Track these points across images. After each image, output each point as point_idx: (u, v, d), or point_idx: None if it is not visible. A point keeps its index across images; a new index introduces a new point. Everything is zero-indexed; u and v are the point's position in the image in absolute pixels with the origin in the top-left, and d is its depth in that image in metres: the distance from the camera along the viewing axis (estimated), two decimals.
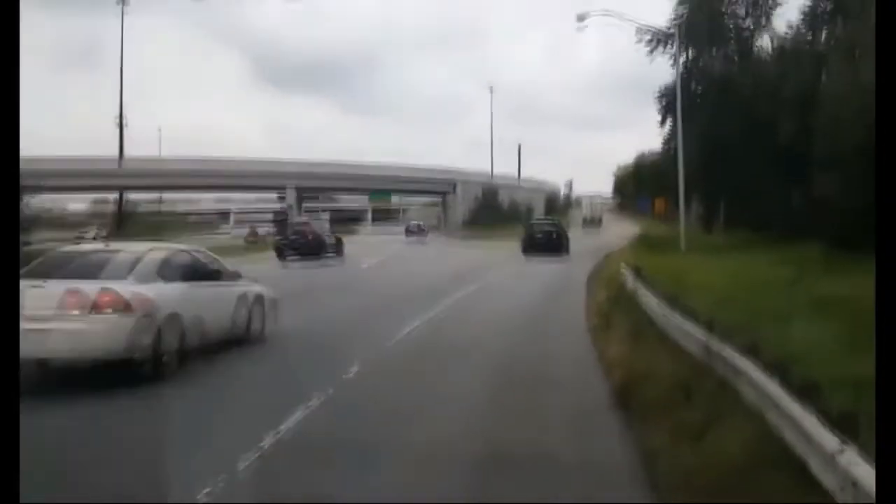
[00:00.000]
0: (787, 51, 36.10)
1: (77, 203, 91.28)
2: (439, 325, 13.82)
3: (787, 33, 38.21)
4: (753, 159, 33.97)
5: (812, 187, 25.92)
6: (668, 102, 38.92)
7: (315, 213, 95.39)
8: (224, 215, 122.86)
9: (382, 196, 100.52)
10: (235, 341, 10.77)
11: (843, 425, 4.50)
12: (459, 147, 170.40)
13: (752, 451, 5.35)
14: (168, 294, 9.34)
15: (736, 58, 39.34)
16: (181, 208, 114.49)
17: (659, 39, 37.77)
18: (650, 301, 11.85)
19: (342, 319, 14.30)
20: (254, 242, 54.67)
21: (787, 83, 33.07)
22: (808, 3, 37.71)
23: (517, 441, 6.66)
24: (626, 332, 11.14)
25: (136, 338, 8.55)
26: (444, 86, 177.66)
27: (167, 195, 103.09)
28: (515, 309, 16.35)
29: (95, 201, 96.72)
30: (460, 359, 10.56)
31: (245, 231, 69.96)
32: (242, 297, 11.25)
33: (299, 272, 28.85)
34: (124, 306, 8.57)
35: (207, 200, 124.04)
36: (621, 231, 57.39)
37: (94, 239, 28.57)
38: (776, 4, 38.79)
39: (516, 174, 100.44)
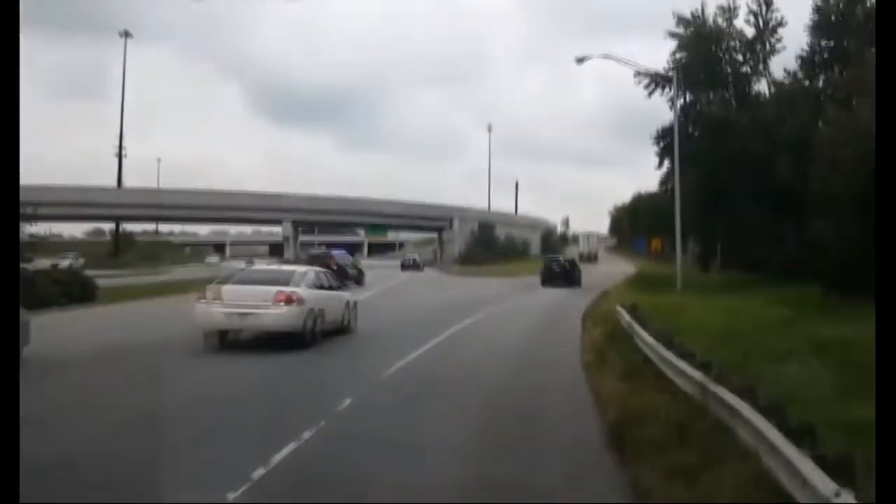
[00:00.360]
0: (785, 95, 36.45)
1: (74, 231, 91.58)
2: (439, 354, 13.94)
3: (784, 78, 38.70)
4: (750, 201, 34.17)
5: (808, 230, 26.02)
6: (665, 144, 39.16)
7: (309, 246, 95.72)
8: (220, 246, 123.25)
9: (379, 231, 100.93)
10: (339, 331, 16.54)
11: (839, 469, 4.47)
12: (457, 182, 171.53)
13: (747, 493, 5.31)
14: (314, 296, 15.21)
15: (733, 101, 39.69)
16: (177, 239, 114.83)
17: (657, 82, 38.14)
18: (646, 339, 11.82)
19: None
20: None
21: (783, 127, 33.37)
22: (806, 49, 38.28)
23: (510, 477, 6.66)
24: (620, 370, 11.10)
25: (299, 321, 14.40)
26: (442, 121, 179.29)
27: (163, 226, 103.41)
28: (509, 345, 16.29)
29: (92, 232, 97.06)
30: (455, 391, 10.61)
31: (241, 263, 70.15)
32: (346, 302, 17.56)
33: None
34: (298, 301, 14.45)
35: (203, 231, 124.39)
36: (618, 269, 57.46)
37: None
38: (773, 50, 39.30)
39: (513, 210, 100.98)
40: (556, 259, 47.97)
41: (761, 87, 40.32)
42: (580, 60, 33.40)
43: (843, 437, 6.13)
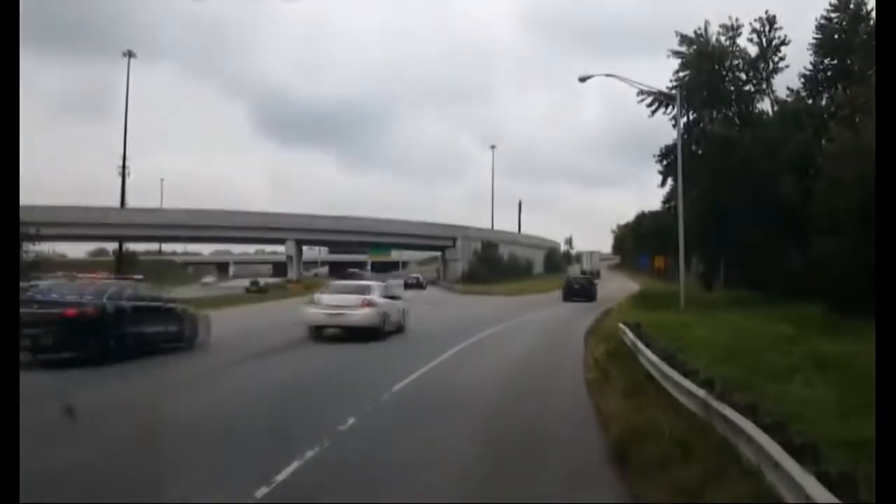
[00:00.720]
0: (788, 114, 36.54)
1: (77, 251, 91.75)
2: (446, 370, 13.84)
3: (787, 96, 38.81)
4: (753, 220, 34.14)
5: (811, 248, 26.02)
6: (668, 162, 39.21)
7: (313, 265, 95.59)
8: (223, 265, 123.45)
9: (382, 250, 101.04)
10: (397, 329, 21.75)
11: (841, 486, 4.46)
12: (460, 201, 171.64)
13: None
14: (383, 303, 21.07)
15: (736, 120, 39.77)
16: (180, 258, 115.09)
17: (660, 101, 38.17)
18: (649, 356, 11.79)
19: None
20: (255, 291, 54.77)
21: (787, 146, 33.45)
22: (809, 67, 38.43)
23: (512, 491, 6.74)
24: (623, 388, 11.07)
25: (378, 320, 20.06)
26: (445, 141, 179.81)
27: (167, 245, 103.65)
28: (512, 363, 16.27)
29: (95, 252, 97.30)
30: (460, 406, 10.67)
31: (241, 281, 70.16)
32: (402, 309, 22.96)
33: None
34: (375, 305, 20.31)
35: (206, 251, 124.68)
36: (621, 287, 57.50)
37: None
38: (777, 69, 39.41)
39: (516, 229, 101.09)
40: (576, 278, 56.95)
41: (765, 105, 40.46)
42: (583, 79, 33.50)
43: (846, 454, 6.12)
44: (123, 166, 73.93)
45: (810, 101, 37.84)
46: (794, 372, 11.90)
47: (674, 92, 36.82)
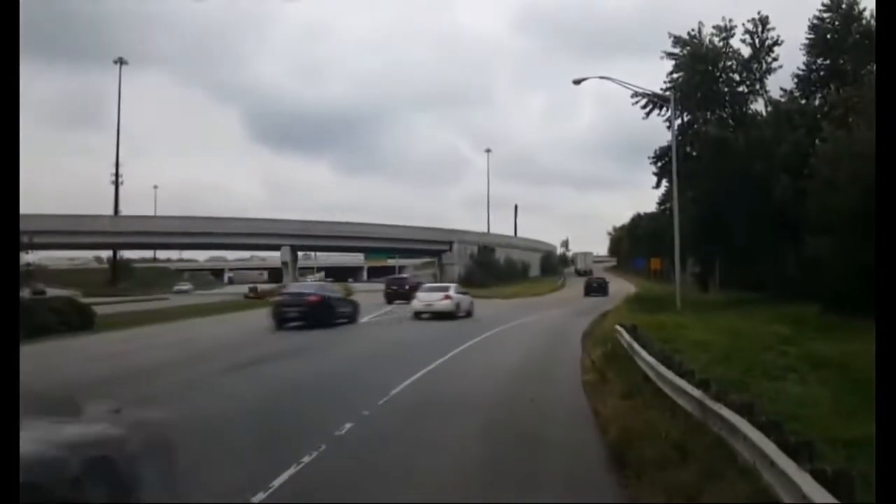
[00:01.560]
0: (782, 114, 36.65)
1: (71, 259, 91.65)
2: (441, 378, 13.85)
3: (781, 97, 38.94)
4: (748, 220, 34.26)
5: (806, 248, 26.10)
6: (663, 164, 39.29)
7: (308, 271, 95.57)
8: (217, 272, 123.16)
9: (378, 255, 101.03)
10: (467, 314, 31.66)
11: (838, 485, 4.47)
12: (456, 206, 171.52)
13: None
14: (457, 297, 32.58)
15: (730, 121, 39.88)
16: (175, 265, 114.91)
17: (655, 103, 38.27)
18: (646, 358, 11.80)
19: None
20: (254, 298, 54.69)
21: (781, 146, 33.56)
22: (802, 68, 38.57)
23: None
24: (621, 389, 11.08)
25: (452, 307, 31.08)
26: (441, 145, 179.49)
27: (162, 252, 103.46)
28: (510, 365, 16.26)
29: (89, 260, 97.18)
30: (458, 406, 10.81)
31: (235, 287, 69.85)
32: (470, 300, 34.15)
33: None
34: (451, 298, 31.78)
35: (202, 257, 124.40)
36: (617, 289, 57.57)
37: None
38: (770, 70, 39.55)
39: (513, 233, 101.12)
40: (593, 278, 68.50)
41: (758, 106, 40.59)
42: (577, 82, 33.58)
43: (842, 452, 6.14)
44: (116, 174, 74.11)
45: (803, 102, 37.99)
46: (789, 371, 11.95)
47: (668, 94, 36.92)
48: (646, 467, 6.91)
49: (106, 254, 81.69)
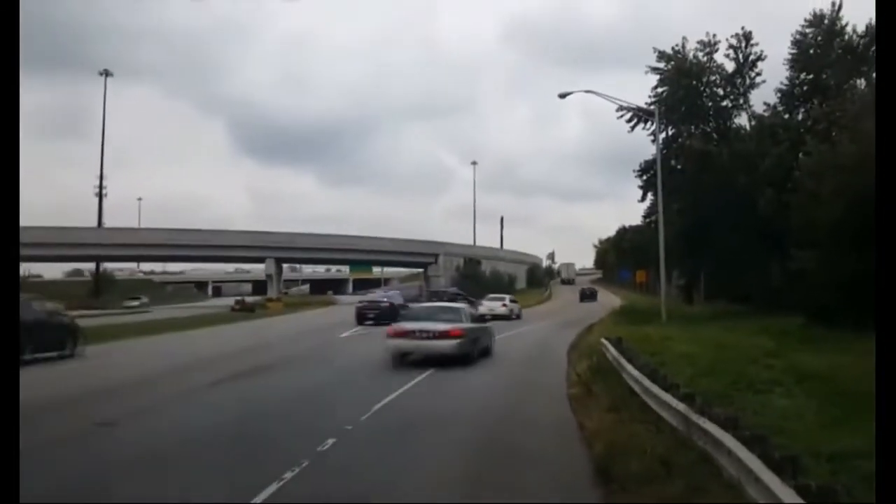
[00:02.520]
0: (765, 129, 36.89)
1: (54, 271, 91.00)
2: (428, 391, 13.76)
3: (764, 111, 39.22)
4: (733, 233, 34.44)
5: (790, 261, 26.23)
6: (648, 177, 39.46)
7: (293, 283, 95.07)
8: (201, 284, 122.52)
9: (363, 268, 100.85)
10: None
11: (821, 499, 4.46)
12: (442, 218, 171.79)
13: None
14: (510, 304, 44.06)
15: (714, 135, 40.12)
16: (159, 277, 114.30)
17: (639, 116, 38.46)
18: (631, 371, 11.80)
19: None
20: (240, 310, 54.46)
21: (765, 160, 33.78)
22: (785, 82, 38.88)
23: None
24: (606, 403, 11.06)
25: (510, 312, 41.84)
26: (427, 157, 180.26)
27: (145, 265, 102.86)
28: (495, 380, 16.22)
29: (71, 272, 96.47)
30: (445, 420, 10.70)
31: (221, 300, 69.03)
32: (519, 306, 44.69)
33: None
34: (508, 307, 43.15)
35: (186, 270, 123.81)
36: (603, 301, 57.75)
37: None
38: (753, 84, 39.84)
39: (499, 245, 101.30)
40: (586, 288, 75.91)
41: (742, 120, 40.83)
42: (563, 96, 33.73)
43: (827, 467, 6.13)
44: (101, 186, 73.74)
45: (787, 116, 38.27)
46: (774, 384, 11.96)
47: (652, 108, 37.11)
48: (631, 481, 6.89)
49: (89, 266, 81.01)
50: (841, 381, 11.48)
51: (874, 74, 33.80)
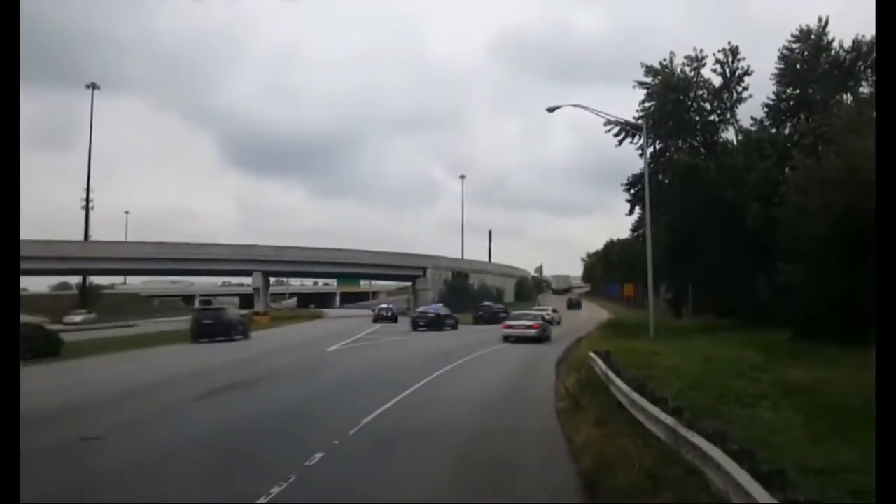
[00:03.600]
0: (752, 143, 37.12)
1: (39, 285, 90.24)
2: (415, 404, 13.68)
3: (751, 126, 39.48)
4: (720, 247, 34.56)
5: (777, 275, 26.34)
6: (636, 191, 39.62)
7: (280, 297, 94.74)
8: (188, 298, 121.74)
9: (351, 281, 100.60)
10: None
11: None
12: (430, 231, 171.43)
13: None
14: (552, 314, 50.72)
15: (702, 149, 40.33)
16: (145, 291, 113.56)
17: (627, 130, 38.65)
18: (619, 385, 11.79)
19: None
20: None
21: (751, 174, 33.96)
22: (772, 97, 39.17)
23: None
24: (594, 417, 11.04)
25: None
26: (416, 171, 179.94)
27: (132, 278, 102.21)
28: (485, 394, 16.15)
29: (57, 286, 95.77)
30: (432, 434, 10.72)
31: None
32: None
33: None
34: (558, 312, 55.58)
35: (173, 284, 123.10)
36: (591, 315, 57.84)
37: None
38: (740, 99, 40.13)
39: (487, 258, 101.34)
40: (573, 298, 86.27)
41: (729, 134, 41.10)
42: (551, 110, 33.83)
43: (815, 480, 6.13)
44: (87, 199, 73.32)
45: (774, 130, 38.54)
46: (761, 398, 11.98)
47: (640, 122, 37.29)
48: (619, 495, 6.87)
49: (75, 280, 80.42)
50: (828, 395, 11.51)
51: (874, 79, 34.20)
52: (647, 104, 39.71)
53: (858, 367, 13.50)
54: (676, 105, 39.21)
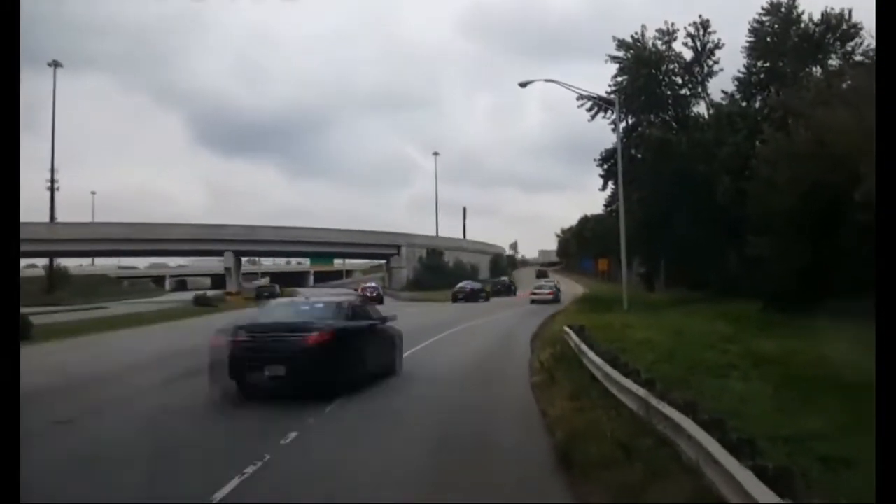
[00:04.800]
0: (723, 117, 37.37)
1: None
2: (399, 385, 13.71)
3: (722, 100, 39.71)
4: (692, 221, 34.88)
5: (747, 248, 26.62)
6: (609, 166, 39.79)
7: (252, 277, 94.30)
8: (159, 279, 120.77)
9: (324, 260, 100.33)
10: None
11: (778, 481, 4.52)
12: (404, 209, 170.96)
13: None
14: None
15: (674, 123, 40.57)
16: (114, 272, 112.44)
17: (600, 106, 38.73)
18: (593, 358, 11.88)
19: None
20: (203, 304, 53.55)
21: (722, 148, 34.21)
22: (742, 71, 39.39)
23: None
24: (569, 390, 11.12)
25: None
26: (388, 149, 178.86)
27: (101, 260, 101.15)
28: (459, 369, 16.17)
29: (23, 268, 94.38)
30: (408, 412, 10.79)
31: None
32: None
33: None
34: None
35: (142, 264, 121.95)
36: (566, 290, 58.08)
37: None
38: (711, 73, 40.33)
39: (461, 235, 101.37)
40: (539, 269, 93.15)
41: (701, 109, 41.40)
42: (523, 84, 33.86)
43: (783, 449, 6.24)
44: (52, 180, 72.14)
45: (744, 104, 38.80)
46: (732, 369, 12.14)
47: (613, 97, 37.38)
48: (592, 467, 6.94)
49: (42, 262, 79.25)
50: (796, 365, 11.70)
51: (844, 54, 34.54)
52: (619, 79, 39.83)
53: (825, 338, 13.74)
54: (648, 79, 39.33)
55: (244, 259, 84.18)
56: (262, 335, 12.11)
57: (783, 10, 38.17)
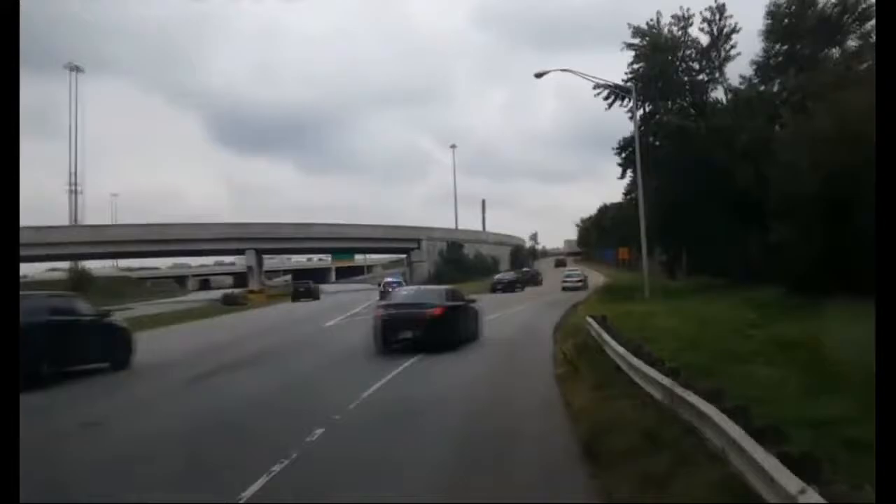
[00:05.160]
0: (741, 102, 37.07)
1: (28, 271, 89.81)
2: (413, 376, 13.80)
3: (740, 84, 39.38)
4: (712, 207, 34.63)
5: (769, 234, 26.42)
6: (627, 154, 39.59)
7: (274, 274, 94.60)
8: (181, 279, 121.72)
9: (345, 256, 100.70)
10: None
11: (803, 466, 4.53)
12: (423, 203, 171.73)
13: (717, 495, 5.37)
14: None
15: (691, 110, 40.26)
16: (137, 273, 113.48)
17: (616, 94, 38.52)
18: (616, 348, 11.89)
19: None
20: (231, 304, 54.28)
21: (742, 133, 33.94)
22: (760, 54, 39.03)
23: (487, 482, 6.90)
24: (592, 381, 11.15)
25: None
26: (406, 143, 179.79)
27: (123, 261, 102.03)
28: (484, 361, 16.27)
29: (46, 271, 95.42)
30: (435, 403, 10.74)
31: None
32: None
33: None
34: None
35: (164, 265, 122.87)
36: (588, 279, 58.29)
37: None
38: (728, 57, 40.01)
39: (481, 228, 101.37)
40: (557, 258, 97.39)
41: (718, 94, 41.06)
42: (539, 75, 33.67)
43: (809, 434, 6.24)
44: (74, 183, 72.98)
45: (762, 88, 38.45)
46: (756, 354, 12.10)
47: (629, 84, 37.18)
48: (617, 457, 6.97)
49: (64, 265, 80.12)
50: (820, 349, 11.63)
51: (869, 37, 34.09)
52: (635, 66, 39.58)
53: (850, 322, 13.63)
54: (664, 66, 39.09)
55: (265, 257, 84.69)
56: (399, 311, 17.93)
57: None
